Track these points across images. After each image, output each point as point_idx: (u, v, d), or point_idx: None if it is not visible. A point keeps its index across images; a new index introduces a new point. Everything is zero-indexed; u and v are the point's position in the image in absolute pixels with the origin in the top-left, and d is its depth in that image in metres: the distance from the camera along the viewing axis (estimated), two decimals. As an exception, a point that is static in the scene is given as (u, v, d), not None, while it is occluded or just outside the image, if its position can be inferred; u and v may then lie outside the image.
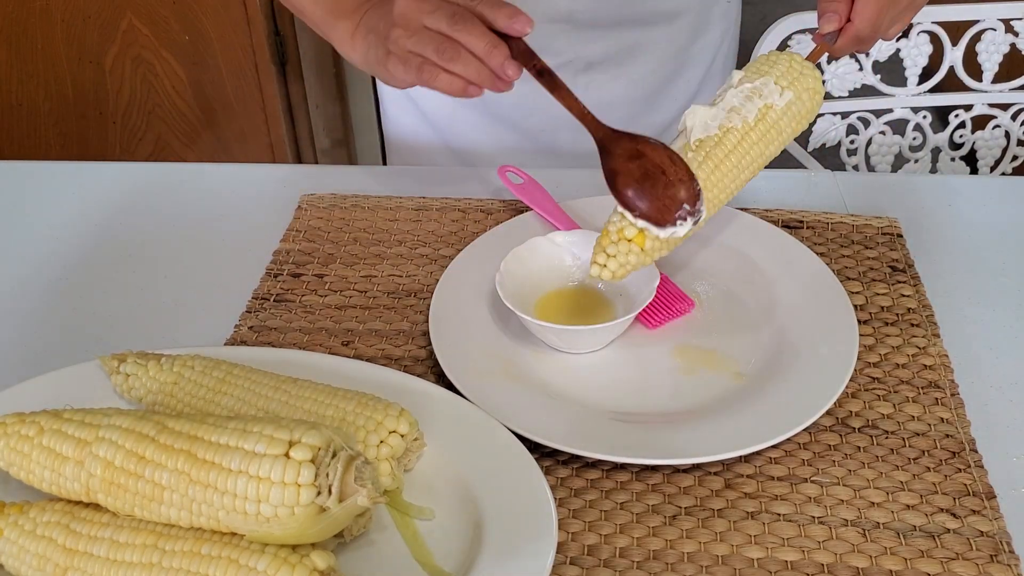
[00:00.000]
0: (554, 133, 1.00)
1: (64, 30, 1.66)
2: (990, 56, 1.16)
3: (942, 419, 0.66)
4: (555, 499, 0.58)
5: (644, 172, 0.64)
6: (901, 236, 0.83)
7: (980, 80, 1.17)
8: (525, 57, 0.66)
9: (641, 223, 0.64)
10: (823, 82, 0.96)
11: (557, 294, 0.75)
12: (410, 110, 1.05)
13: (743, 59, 1.11)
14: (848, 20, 0.71)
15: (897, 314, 0.75)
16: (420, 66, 0.67)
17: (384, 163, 1.17)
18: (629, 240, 0.65)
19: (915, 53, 1.15)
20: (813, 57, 0.72)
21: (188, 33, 1.66)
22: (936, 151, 1.22)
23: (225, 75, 1.71)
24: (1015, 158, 1.22)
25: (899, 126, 1.19)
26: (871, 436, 0.65)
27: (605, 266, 0.66)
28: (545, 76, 0.67)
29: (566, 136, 1.00)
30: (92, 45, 1.67)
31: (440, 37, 0.66)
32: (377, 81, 1.10)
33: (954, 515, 0.60)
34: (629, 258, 0.65)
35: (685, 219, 0.64)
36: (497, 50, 0.65)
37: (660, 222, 0.64)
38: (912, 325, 0.74)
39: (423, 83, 0.68)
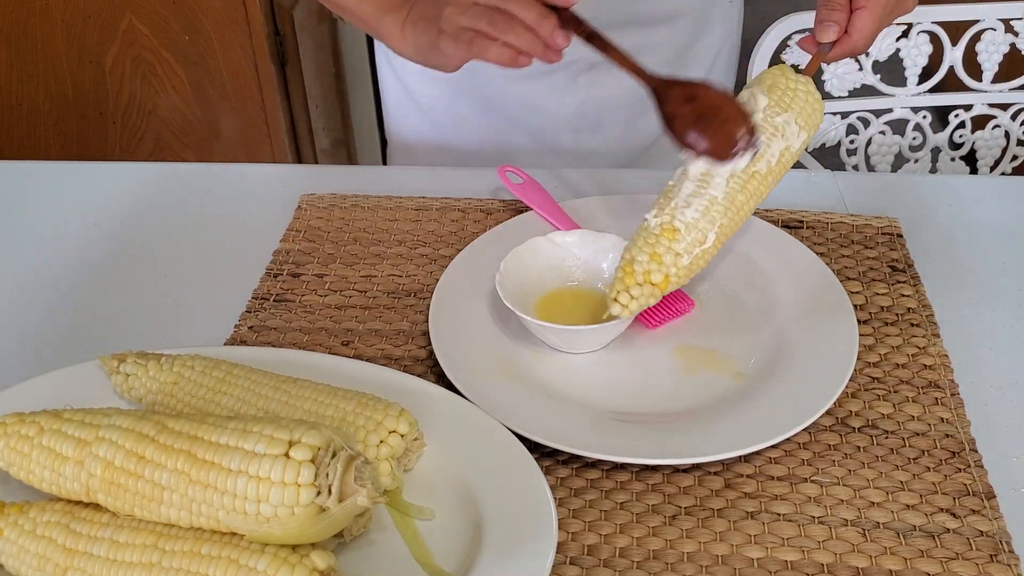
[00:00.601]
0: (556, 134, 1.00)
1: (64, 30, 1.66)
2: (990, 56, 1.15)
3: (942, 419, 0.66)
4: (555, 499, 0.58)
5: (700, 112, 0.67)
6: (901, 236, 0.83)
7: (980, 80, 1.17)
8: (573, 24, 0.69)
9: (703, 160, 0.67)
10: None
11: (557, 294, 0.75)
12: (412, 111, 1.05)
13: (744, 58, 1.11)
14: (845, 32, 0.71)
15: (897, 314, 0.75)
16: (472, 40, 0.70)
17: (384, 163, 1.17)
18: (654, 284, 0.67)
19: (915, 53, 1.15)
20: (810, 70, 0.73)
21: (188, 33, 1.66)
22: (936, 151, 1.22)
23: (225, 75, 1.71)
24: (1015, 158, 1.22)
25: (899, 126, 1.19)
26: (871, 436, 0.65)
27: (627, 307, 0.67)
28: (595, 40, 0.69)
29: (569, 136, 1.00)
30: (92, 45, 1.67)
31: (491, 10, 0.68)
32: (379, 81, 1.10)
33: (954, 515, 0.60)
34: (649, 300, 0.67)
35: (744, 151, 0.66)
36: (547, 20, 0.68)
37: (721, 157, 0.66)
38: (912, 325, 0.74)
39: (475, 55, 0.70)
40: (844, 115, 1.18)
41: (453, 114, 1.02)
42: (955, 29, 1.14)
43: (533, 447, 0.62)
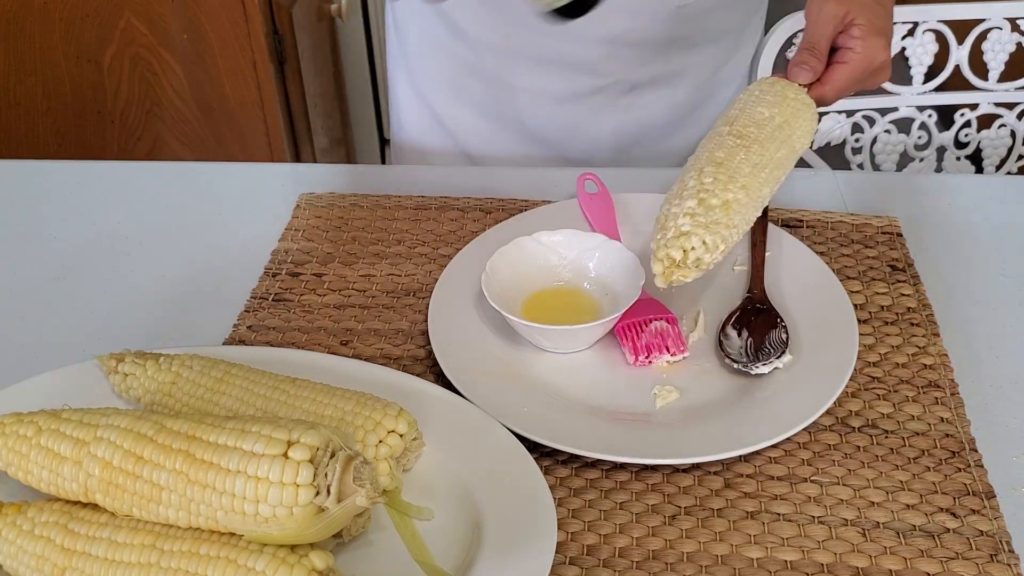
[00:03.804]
0: (591, 154, 0.99)
1: (62, 29, 1.65)
2: (996, 55, 1.15)
3: (942, 419, 0.66)
4: (554, 499, 0.58)
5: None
6: (901, 235, 0.83)
7: (986, 79, 1.17)
8: None
9: None
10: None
11: (544, 294, 0.75)
12: (435, 130, 1.03)
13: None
14: (819, 80, 0.73)
15: (897, 313, 0.75)
16: None
17: (383, 162, 1.17)
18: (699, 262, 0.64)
19: (920, 52, 1.15)
20: None
21: (187, 32, 1.66)
22: (941, 150, 1.21)
23: (224, 74, 1.70)
24: (1020, 157, 1.21)
25: (904, 125, 1.19)
26: (871, 436, 0.65)
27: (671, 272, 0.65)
28: None
29: (604, 156, 0.99)
30: (90, 44, 1.67)
31: None
32: (391, 98, 1.09)
33: (954, 515, 0.60)
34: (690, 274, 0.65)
35: None
36: None
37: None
38: (912, 324, 0.74)
39: None
40: (849, 113, 1.18)
41: (482, 136, 1.01)
42: (961, 28, 1.14)
43: (533, 447, 0.62)
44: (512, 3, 0.89)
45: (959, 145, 1.21)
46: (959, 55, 1.14)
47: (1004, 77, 1.17)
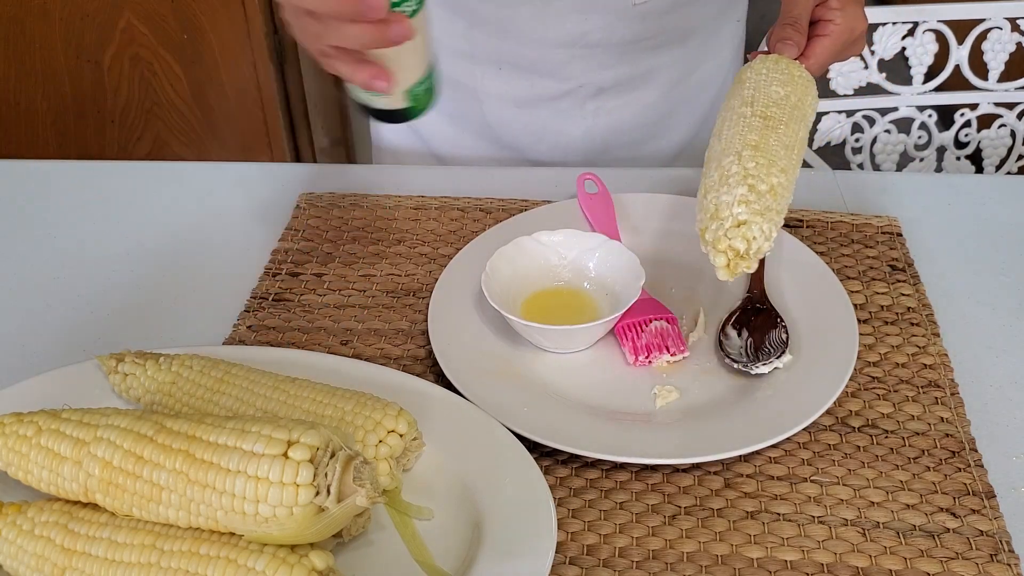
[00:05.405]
0: (562, 159, 0.99)
1: (62, 29, 1.65)
2: (996, 55, 1.15)
3: (942, 418, 0.66)
4: (554, 499, 0.58)
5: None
6: (900, 235, 0.83)
7: (986, 79, 1.17)
8: None
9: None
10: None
11: (544, 294, 0.75)
12: (407, 135, 1.03)
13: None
14: (802, 54, 0.73)
15: (897, 313, 0.75)
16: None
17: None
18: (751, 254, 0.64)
19: (920, 52, 1.15)
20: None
21: (187, 32, 1.66)
22: (941, 150, 1.21)
23: (223, 74, 1.70)
24: (1020, 157, 1.22)
25: (904, 125, 1.19)
26: (871, 435, 0.65)
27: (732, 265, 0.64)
28: None
29: (574, 160, 0.99)
30: (90, 44, 1.67)
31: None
32: None
33: (954, 514, 0.60)
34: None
35: None
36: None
37: None
38: (912, 324, 0.74)
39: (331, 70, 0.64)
40: (849, 113, 1.18)
41: (449, 139, 1.00)
42: (961, 28, 1.14)
43: (532, 447, 0.62)
44: (471, 5, 0.89)
45: (959, 145, 1.21)
46: (959, 55, 1.15)
47: (1004, 77, 1.17)
